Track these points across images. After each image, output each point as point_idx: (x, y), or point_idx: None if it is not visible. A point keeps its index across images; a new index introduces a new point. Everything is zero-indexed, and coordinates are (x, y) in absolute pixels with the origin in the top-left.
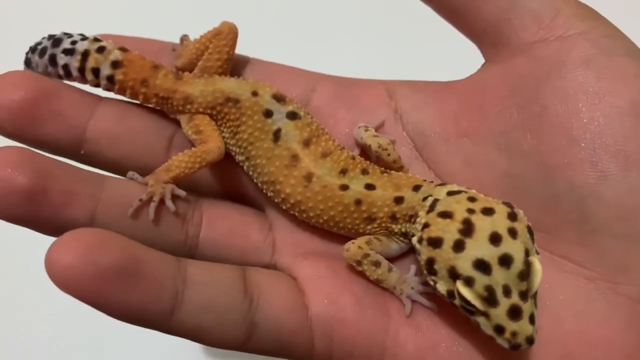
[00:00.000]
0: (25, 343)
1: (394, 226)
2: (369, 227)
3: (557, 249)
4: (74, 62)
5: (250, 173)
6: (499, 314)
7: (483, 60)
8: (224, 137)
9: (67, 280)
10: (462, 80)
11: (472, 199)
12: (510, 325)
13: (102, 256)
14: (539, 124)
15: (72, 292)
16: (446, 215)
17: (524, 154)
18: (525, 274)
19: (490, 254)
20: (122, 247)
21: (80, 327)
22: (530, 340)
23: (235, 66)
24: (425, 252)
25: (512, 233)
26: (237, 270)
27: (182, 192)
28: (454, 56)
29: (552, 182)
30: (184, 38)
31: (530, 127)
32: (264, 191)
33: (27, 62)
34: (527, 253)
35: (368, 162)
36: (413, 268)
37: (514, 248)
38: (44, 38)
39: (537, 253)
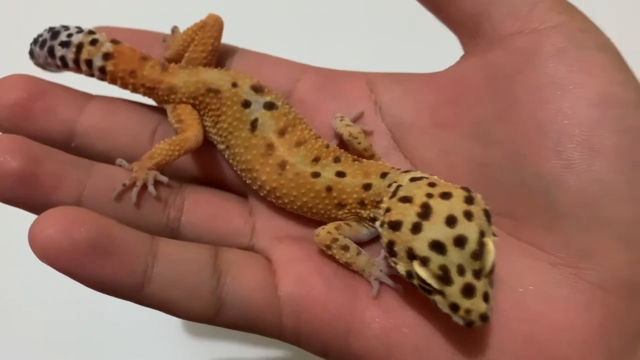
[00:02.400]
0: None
1: (362, 212)
2: (340, 212)
3: (525, 235)
4: (70, 54)
5: (230, 161)
6: (454, 292)
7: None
8: (206, 127)
9: (46, 252)
10: (440, 73)
11: (432, 185)
12: (464, 303)
13: (78, 231)
14: (511, 114)
15: (50, 262)
16: (406, 199)
17: (496, 143)
18: (479, 254)
19: (445, 235)
20: (97, 223)
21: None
22: (483, 318)
23: (223, 56)
24: (386, 234)
25: (468, 215)
26: (209, 249)
27: (164, 178)
28: (437, 48)
29: (521, 170)
30: (174, 29)
31: (503, 117)
32: (243, 178)
33: (31, 53)
34: (482, 234)
35: (342, 150)
36: (382, 252)
37: (468, 229)
38: (45, 30)
39: (494, 235)
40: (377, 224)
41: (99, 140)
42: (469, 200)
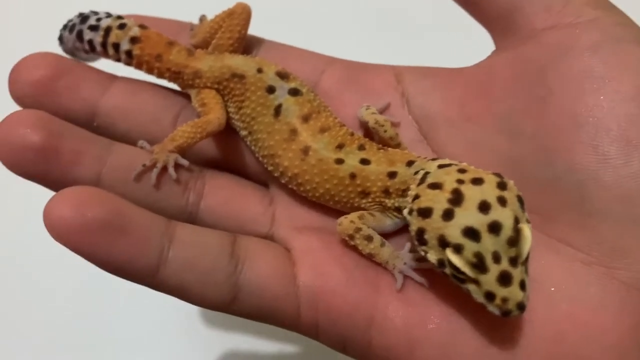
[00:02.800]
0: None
1: (387, 201)
2: (363, 201)
3: (556, 232)
4: (98, 38)
5: (253, 147)
6: (489, 280)
7: (490, 49)
8: (229, 112)
9: (59, 230)
10: (470, 67)
11: (462, 171)
12: (501, 291)
13: (91, 210)
14: (543, 108)
15: (63, 241)
16: (436, 186)
17: (526, 136)
18: (515, 241)
19: (479, 221)
20: (111, 203)
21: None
22: (521, 306)
23: (250, 47)
24: (415, 222)
25: (502, 201)
26: (227, 236)
27: (185, 162)
28: (466, 44)
29: (553, 165)
30: (202, 18)
31: (534, 110)
32: (265, 165)
33: (60, 38)
34: (516, 220)
35: (366, 139)
36: (408, 244)
37: (503, 215)
38: (75, 16)
39: (528, 222)
40: (405, 211)
41: (121, 121)
42: (502, 185)
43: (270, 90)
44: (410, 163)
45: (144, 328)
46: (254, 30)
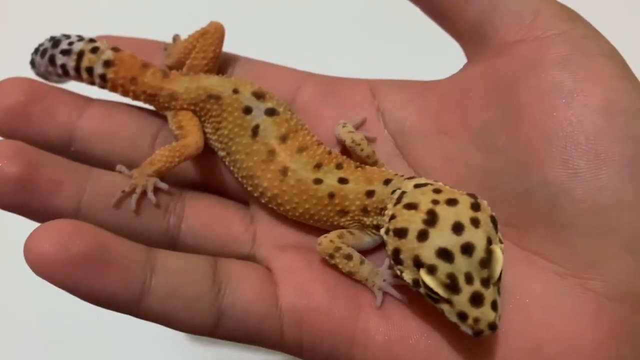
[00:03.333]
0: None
1: (366, 219)
2: (342, 220)
3: (530, 244)
4: (70, 62)
5: (231, 168)
6: (462, 300)
7: (465, 60)
8: (207, 133)
9: (42, 266)
10: (444, 80)
11: (437, 191)
12: (473, 312)
13: (74, 244)
14: (515, 122)
15: (46, 277)
16: (411, 206)
17: (500, 150)
18: (487, 262)
19: (452, 242)
20: (93, 236)
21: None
22: (492, 327)
23: (225, 64)
24: (391, 242)
25: (475, 222)
26: (208, 260)
27: (164, 185)
28: (439, 56)
29: (526, 178)
30: (175, 37)
31: (506, 124)
32: (244, 185)
33: (32, 62)
34: (489, 241)
35: (344, 157)
36: (386, 261)
37: (475, 237)
38: (46, 39)
39: (501, 242)
40: (382, 231)
41: (98, 145)
42: (476, 206)
43: (247, 110)
44: (387, 181)
45: (142, 329)
46: (226, 46)
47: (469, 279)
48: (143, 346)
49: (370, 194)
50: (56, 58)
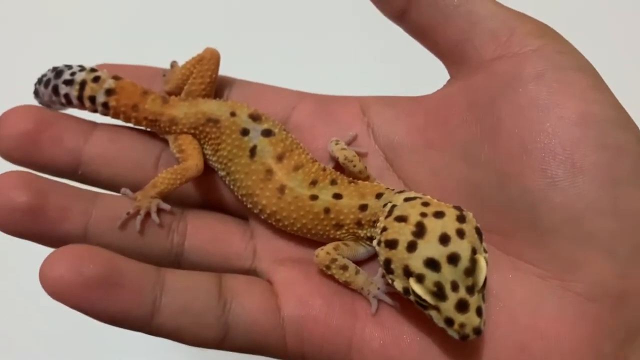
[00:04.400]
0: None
1: (360, 231)
2: (338, 233)
3: (514, 250)
4: (73, 92)
5: (231, 187)
6: (448, 307)
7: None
8: (206, 154)
9: (58, 290)
10: (428, 96)
11: (425, 204)
12: (459, 318)
13: (88, 268)
14: (495, 135)
15: (62, 300)
16: (401, 219)
17: (482, 162)
18: (471, 270)
19: (439, 253)
20: (105, 258)
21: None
22: (477, 331)
23: (221, 87)
24: (383, 253)
25: (460, 234)
26: (213, 277)
27: (166, 206)
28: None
29: (507, 188)
30: (173, 64)
31: (487, 138)
32: (244, 203)
33: (36, 92)
34: (473, 251)
35: (338, 173)
36: (380, 270)
37: (461, 247)
38: (48, 70)
39: (485, 252)
40: (374, 242)
41: (104, 168)
42: (461, 218)
43: (244, 132)
44: (379, 195)
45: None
46: (222, 70)
47: (454, 287)
48: (143, 345)
49: (363, 207)
50: (59, 88)
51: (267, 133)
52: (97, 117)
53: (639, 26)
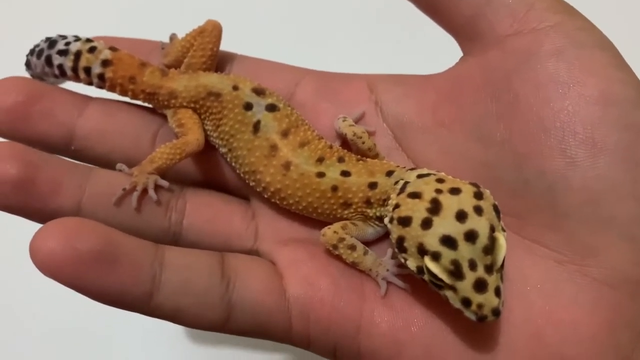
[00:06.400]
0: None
1: (369, 210)
2: (345, 212)
3: (529, 233)
4: (68, 62)
5: (233, 164)
6: (465, 287)
7: (461, 54)
8: (207, 130)
9: (49, 265)
10: (440, 74)
11: (440, 180)
12: (477, 298)
13: (81, 242)
14: (511, 114)
15: (54, 276)
16: (415, 195)
17: (497, 142)
18: (490, 249)
19: (456, 230)
20: (101, 233)
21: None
22: (496, 312)
23: (222, 62)
24: (395, 230)
25: (478, 210)
26: (215, 256)
27: (165, 183)
28: (435, 50)
29: (523, 169)
30: (172, 37)
31: (503, 116)
32: (246, 181)
33: (27, 64)
34: (492, 229)
35: (345, 150)
36: (389, 251)
37: (479, 224)
38: (41, 40)
39: (503, 230)
40: (386, 220)
41: (99, 144)
42: (478, 195)
43: (248, 107)
44: (389, 173)
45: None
46: (224, 45)
47: (472, 266)
48: (142, 345)
49: (372, 185)
50: (53, 58)
51: (271, 108)
52: (92, 91)
53: None
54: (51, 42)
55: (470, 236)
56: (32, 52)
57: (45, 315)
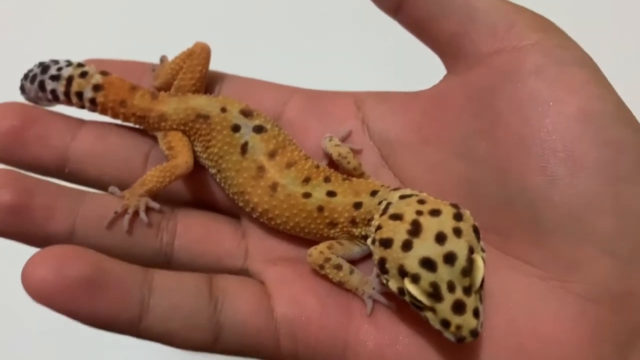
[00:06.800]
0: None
1: (354, 230)
2: (332, 231)
3: (512, 250)
4: (60, 87)
5: (222, 184)
6: (444, 308)
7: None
8: (196, 152)
9: (41, 293)
10: (425, 91)
11: (421, 202)
12: (455, 319)
13: (71, 269)
14: (494, 131)
15: (45, 303)
16: (396, 217)
17: (480, 159)
18: (468, 270)
19: (435, 252)
20: (90, 260)
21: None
22: (474, 333)
23: (212, 82)
24: (377, 252)
25: (457, 232)
26: (203, 277)
27: (155, 205)
28: (422, 66)
29: (506, 186)
30: (163, 58)
31: (486, 134)
32: (236, 201)
33: (22, 88)
34: (471, 251)
35: (331, 170)
36: (375, 270)
37: (458, 246)
38: (35, 65)
39: (483, 251)
40: (369, 241)
41: (92, 166)
42: (458, 217)
43: (236, 128)
44: (374, 193)
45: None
46: (213, 65)
47: (451, 288)
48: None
49: (357, 205)
50: (46, 84)
51: (258, 129)
52: (85, 114)
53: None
54: (44, 68)
55: (449, 258)
56: (25, 77)
57: (45, 316)
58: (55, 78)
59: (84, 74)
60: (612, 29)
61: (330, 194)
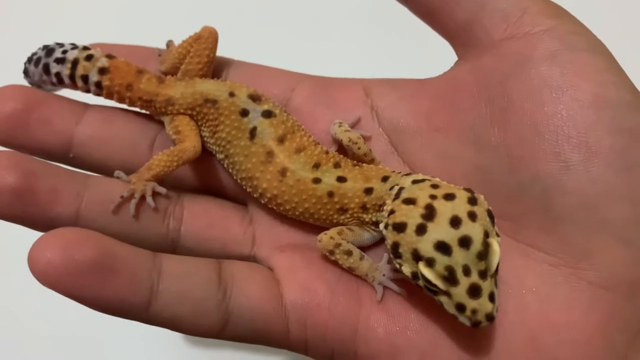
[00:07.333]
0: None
1: (365, 216)
2: (342, 217)
3: (524, 237)
4: (65, 70)
5: (230, 170)
6: (460, 292)
7: (456, 58)
8: (204, 137)
9: (48, 276)
10: (435, 78)
11: (434, 186)
12: (471, 303)
13: (79, 252)
14: (506, 118)
15: (52, 286)
16: (410, 201)
17: (492, 146)
18: (484, 254)
19: (450, 236)
20: (98, 243)
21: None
22: (490, 318)
23: (219, 68)
24: (390, 236)
25: (472, 216)
26: (212, 263)
27: (162, 190)
28: (430, 54)
29: (518, 173)
30: (169, 43)
31: (497, 121)
32: (243, 187)
33: (25, 72)
34: (486, 235)
35: (341, 156)
36: (385, 256)
37: (473, 230)
38: (39, 48)
39: (497, 235)
40: (381, 226)
41: (97, 151)
42: (473, 201)
43: (244, 113)
44: (385, 178)
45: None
46: (220, 50)
47: (466, 272)
48: (142, 346)
49: (368, 191)
50: (50, 66)
51: (267, 114)
52: (90, 98)
53: None
54: (48, 50)
55: (464, 242)
56: (29, 60)
57: (46, 316)
58: (60, 61)
59: (89, 57)
60: (623, 18)
61: (341, 179)
